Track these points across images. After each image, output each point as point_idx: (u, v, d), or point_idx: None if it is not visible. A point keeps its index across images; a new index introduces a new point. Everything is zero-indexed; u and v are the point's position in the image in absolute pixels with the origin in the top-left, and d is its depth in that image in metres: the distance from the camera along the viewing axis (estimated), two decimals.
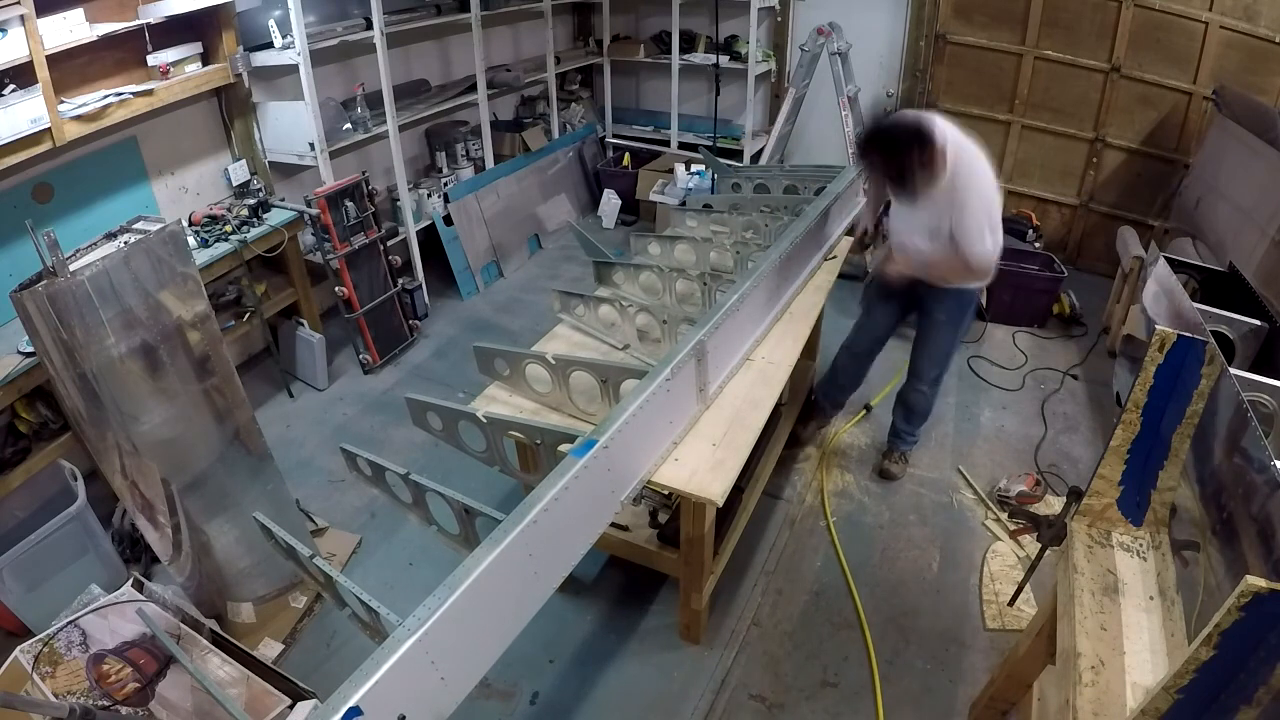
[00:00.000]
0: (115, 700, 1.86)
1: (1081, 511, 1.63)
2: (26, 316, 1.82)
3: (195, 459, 2.22)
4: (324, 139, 3.59)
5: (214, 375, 2.19)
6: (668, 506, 2.46)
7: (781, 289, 2.60)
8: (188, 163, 3.46)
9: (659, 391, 1.83)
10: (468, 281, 4.66)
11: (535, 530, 1.45)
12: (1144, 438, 1.54)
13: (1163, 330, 1.46)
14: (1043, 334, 4.17)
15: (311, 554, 1.56)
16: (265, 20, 3.39)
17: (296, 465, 3.17)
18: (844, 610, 2.53)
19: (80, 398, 1.95)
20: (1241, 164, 3.70)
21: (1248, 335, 2.89)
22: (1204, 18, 4.12)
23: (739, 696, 2.26)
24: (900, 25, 4.99)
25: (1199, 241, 3.83)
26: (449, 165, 4.76)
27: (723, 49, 5.26)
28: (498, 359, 2.25)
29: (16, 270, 2.40)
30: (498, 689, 2.27)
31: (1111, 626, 1.41)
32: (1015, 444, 3.31)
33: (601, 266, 2.79)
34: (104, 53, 2.88)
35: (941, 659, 2.36)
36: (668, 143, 5.72)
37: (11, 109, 2.51)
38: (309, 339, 3.70)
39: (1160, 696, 1.05)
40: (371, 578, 2.65)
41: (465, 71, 4.71)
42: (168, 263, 2.02)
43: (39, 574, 2.32)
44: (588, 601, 2.56)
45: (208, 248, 3.15)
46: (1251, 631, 0.96)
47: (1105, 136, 4.60)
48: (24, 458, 2.62)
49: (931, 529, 2.87)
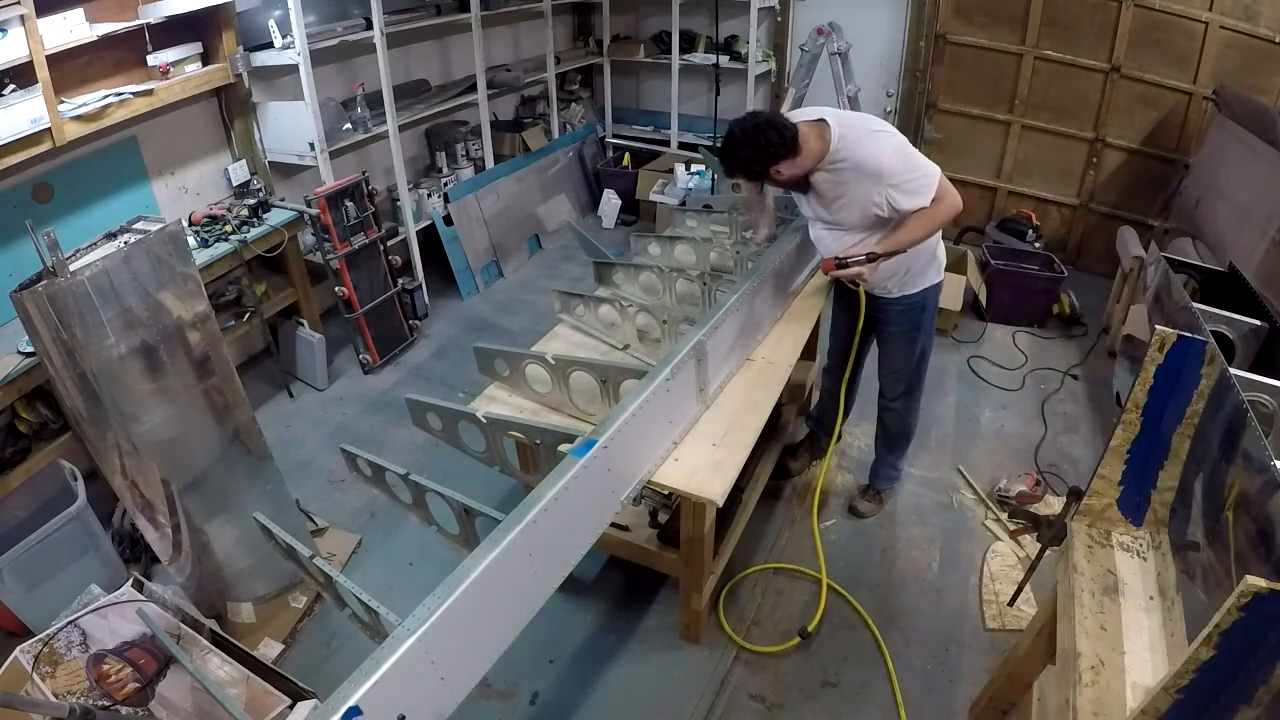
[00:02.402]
0: (115, 700, 1.86)
1: (1081, 511, 1.63)
2: (26, 316, 1.82)
3: (195, 459, 2.22)
4: (324, 139, 3.59)
5: (214, 375, 2.19)
6: (668, 506, 2.46)
7: (782, 289, 2.60)
8: (188, 163, 3.46)
9: (659, 391, 1.83)
10: (468, 281, 4.66)
11: (535, 530, 1.45)
12: (1144, 438, 1.53)
13: (1163, 330, 1.45)
14: (1043, 334, 4.17)
15: (311, 554, 1.56)
16: (265, 20, 3.39)
17: (296, 465, 3.17)
18: (844, 610, 2.53)
19: (80, 398, 1.95)
20: (1241, 164, 3.69)
21: (1248, 335, 2.89)
22: (1204, 18, 4.12)
23: (739, 696, 2.26)
24: (900, 25, 4.99)
25: (1199, 241, 3.83)
26: (449, 165, 4.77)
27: (723, 49, 5.26)
28: (498, 359, 2.25)
29: (16, 270, 2.41)
30: (498, 689, 2.27)
31: (1111, 626, 1.41)
32: (1015, 444, 3.31)
33: (601, 266, 2.80)
34: (104, 53, 2.88)
35: (941, 659, 2.36)
36: (668, 143, 5.72)
37: (11, 109, 2.51)
38: (309, 339, 3.70)
39: (1160, 696, 1.05)
40: (371, 578, 2.65)
41: (465, 71, 4.71)
42: (168, 263, 2.02)
43: (39, 574, 2.32)
44: (588, 601, 2.56)
45: (208, 248, 3.15)
46: (1251, 631, 0.96)
47: (1105, 136, 4.60)
48: (24, 458, 2.62)
49: (931, 529, 2.87)
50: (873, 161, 2.07)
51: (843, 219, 2.23)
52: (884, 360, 2.65)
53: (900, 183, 2.07)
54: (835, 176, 2.14)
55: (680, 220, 3.27)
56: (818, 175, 2.16)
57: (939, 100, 5.00)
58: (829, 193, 2.19)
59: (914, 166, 2.09)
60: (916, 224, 2.12)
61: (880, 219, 2.17)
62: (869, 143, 2.09)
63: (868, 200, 2.13)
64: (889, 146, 2.09)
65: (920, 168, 2.09)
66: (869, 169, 2.08)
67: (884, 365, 2.66)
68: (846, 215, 2.21)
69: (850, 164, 2.10)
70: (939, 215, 2.12)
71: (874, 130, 2.13)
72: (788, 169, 2.11)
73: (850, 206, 2.18)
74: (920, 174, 2.08)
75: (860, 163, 2.08)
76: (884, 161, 2.07)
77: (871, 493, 2.95)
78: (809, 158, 2.10)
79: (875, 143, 2.09)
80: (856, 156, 2.08)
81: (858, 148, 2.08)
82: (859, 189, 2.12)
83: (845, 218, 2.22)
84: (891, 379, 2.66)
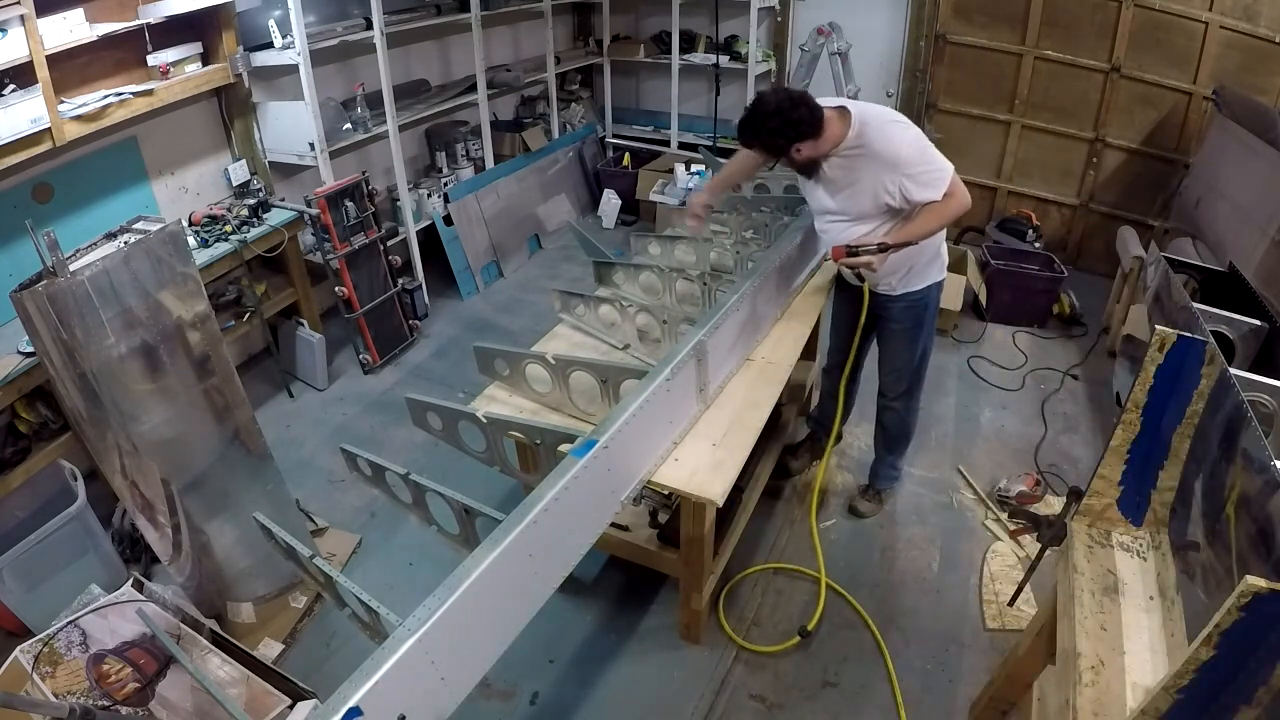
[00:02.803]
0: (115, 700, 1.86)
1: (1081, 511, 1.63)
2: (26, 316, 1.82)
3: (195, 459, 2.22)
4: (324, 139, 3.59)
5: (214, 375, 2.19)
6: (668, 506, 2.46)
7: (782, 289, 2.60)
8: (188, 163, 3.46)
9: (659, 391, 1.83)
10: (468, 281, 4.66)
11: (535, 530, 1.45)
12: (1144, 438, 1.53)
13: (1162, 330, 1.45)
14: (1043, 334, 4.17)
15: (311, 554, 1.56)
16: (265, 20, 3.39)
17: (296, 465, 3.17)
18: (844, 610, 2.53)
19: (80, 398, 1.95)
20: (1241, 164, 3.69)
21: (1248, 335, 2.89)
22: (1204, 18, 4.12)
23: (739, 696, 2.26)
24: (900, 25, 4.99)
25: (1199, 241, 3.83)
26: (449, 165, 4.76)
27: (723, 49, 5.26)
28: (498, 359, 2.25)
29: (16, 270, 2.41)
30: (498, 689, 2.27)
31: (1111, 626, 1.41)
32: (1015, 444, 3.31)
33: (601, 266, 2.79)
34: (104, 53, 2.88)
35: (941, 659, 2.36)
36: (668, 143, 5.72)
37: (11, 109, 2.51)
38: (309, 339, 3.70)
39: (1160, 696, 1.05)
40: (371, 578, 2.65)
41: (465, 71, 4.70)
42: (168, 263, 2.02)
43: (39, 574, 2.32)
44: (588, 601, 2.56)
45: (208, 248, 3.15)
46: (1251, 631, 0.96)
47: (1105, 136, 4.60)
48: (24, 458, 2.62)
49: (931, 529, 2.87)
50: (891, 150, 2.09)
51: (851, 208, 2.22)
52: (885, 359, 2.64)
53: (915, 173, 2.09)
54: (849, 163, 2.15)
55: (680, 220, 3.27)
56: (831, 161, 2.17)
57: (939, 100, 5.00)
58: (841, 179, 2.19)
59: (930, 159, 2.11)
60: (928, 217, 2.13)
61: (890, 209, 2.17)
62: (889, 131, 2.11)
63: (880, 188, 2.13)
64: (907, 137, 2.11)
65: (935, 161, 2.11)
66: (886, 157, 2.09)
67: (885, 364, 2.65)
68: (856, 204, 2.21)
69: (867, 151, 2.11)
70: (949, 210, 2.13)
71: (893, 120, 2.15)
72: (808, 149, 2.11)
73: (861, 195, 2.18)
74: (935, 167, 2.10)
75: (878, 150, 2.10)
76: (902, 151, 2.09)
77: (871, 493, 2.95)
78: (828, 141, 2.12)
79: (894, 132, 2.11)
80: (874, 144, 2.10)
81: (877, 134, 2.10)
82: (873, 176, 2.13)
83: (854, 206, 2.22)
84: (892, 378, 2.65)
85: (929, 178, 2.09)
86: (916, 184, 2.09)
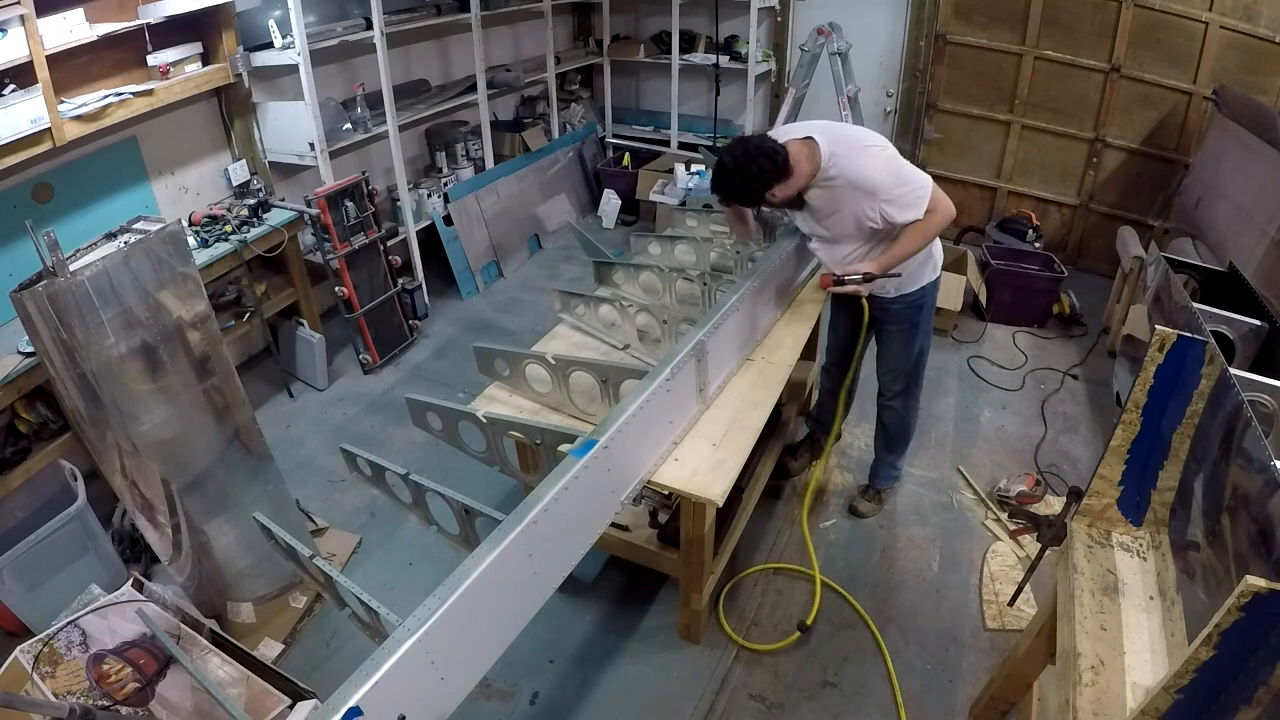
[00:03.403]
0: (115, 700, 1.86)
1: (1081, 511, 1.63)
2: (26, 316, 1.82)
3: (195, 459, 2.22)
4: (324, 139, 3.59)
5: (214, 375, 2.19)
6: (668, 506, 2.46)
7: (782, 289, 2.60)
8: (188, 163, 3.47)
9: (659, 391, 1.83)
10: (468, 281, 4.66)
11: (535, 530, 1.45)
12: (1144, 438, 1.53)
13: (1162, 330, 1.45)
14: (1043, 334, 4.17)
15: (311, 554, 1.56)
16: (265, 20, 3.39)
17: (296, 465, 3.17)
18: (844, 610, 2.53)
19: (80, 398, 1.95)
20: (1241, 164, 3.69)
21: (1248, 335, 2.89)
22: (1204, 18, 4.12)
23: (739, 696, 2.26)
24: (900, 25, 4.99)
25: (1199, 241, 3.83)
26: (449, 165, 4.76)
27: (723, 49, 5.26)
28: (498, 359, 2.25)
29: (16, 270, 2.39)
30: (498, 689, 2.27)
31: (1111, 626, 1.41)
32: (1015, 444, 3.31)
33: (601, 266, 2.79)
34: (104, 53, 2.88)
35: (941, 659, 2.36)
36: (668, 143, 5.72)
37: (11, 109, 2.51)
38: (309, 339, 3.70)
39: (1160, 696, 1.05)
40: (371, 578, 2.65)
41: (465, 71, 4.70)
42: (168, 263, 2.02)
43: (39, 574, 2.32)
44: (588, 601, 2.56)
45: (208, 248, 3.15)
46: (1251, 631, 0.96)
47: (1105, 136, 4.60)
48: (24, 458, 2.62)
49: (931, 529, 2.87)
50: (865, 179, 2.09)
51: (837, 233, 2.26)
52: (882, 358, 2.66)
53: (894, 197, 2.09)
54: (828, 193, 2.17)
55: (680, 220, 3.27)
56: (811, 192, 2.19)
57: (939, 100, 5.00)
58: (823, 208, 2.22)
59: (906, 180, 2.11)
60: (911, 237, 2.16)
61: (874, 230, 2.20)
62: (860, 159, 2.11)
63: (861, 215, 2.15)
64: (880, 161, 2.11)
65: (912, 181, 2.11)
66: (862, 185, 2.10)
67: (882, 363, 2.67)
68: (841, 229, 2.24)
69: (843, 180, 2.12)
70: (932, 227, 2.15)
71: (865, 145, 2.15)
72: (781, 191, 2.13)
73: (845, 221, 2.20)
74: (913, 187, 2.10)
75: (853, 179, 2.11)
76: (876, 179, 2.09)
77: (871, 492, 2.95)
78: (801, 177, 2.13)
79: (867, 158, 2.11)
80: (848, 173, 2.10)
81: (849, 164, 2.10)
82: (852, 204, 2.15)
83: (840, 231, 2.25)
84: (890, 377, 2.66)
85: (909, 199, 2.10)
86: (896, 207, 2.11)
